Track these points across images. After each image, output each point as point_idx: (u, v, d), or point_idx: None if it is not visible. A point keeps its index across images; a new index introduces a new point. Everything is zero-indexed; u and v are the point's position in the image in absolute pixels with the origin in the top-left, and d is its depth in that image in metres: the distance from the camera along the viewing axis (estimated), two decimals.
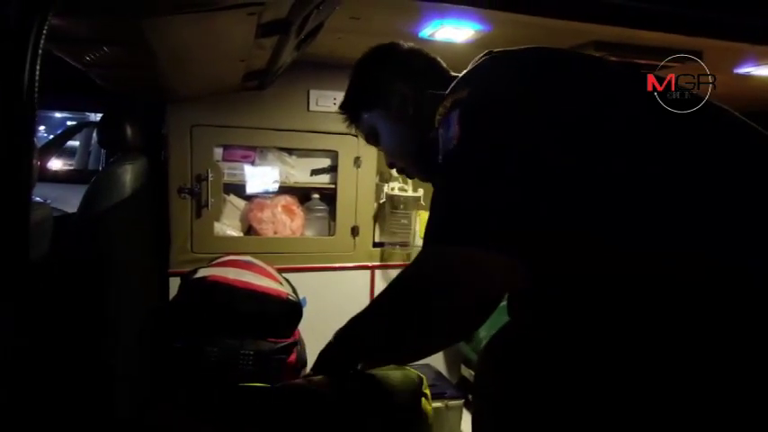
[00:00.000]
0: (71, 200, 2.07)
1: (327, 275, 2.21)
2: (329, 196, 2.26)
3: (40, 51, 0.57)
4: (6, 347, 0.57)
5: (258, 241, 2.13)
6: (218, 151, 2.10)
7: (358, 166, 2.19)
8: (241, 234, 2.17)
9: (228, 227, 2.16)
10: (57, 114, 8.60)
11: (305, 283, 1.99)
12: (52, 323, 1.39)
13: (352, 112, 1.18)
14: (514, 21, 1.30)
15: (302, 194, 2.27)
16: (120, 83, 1.61)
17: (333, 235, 2.24)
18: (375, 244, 2.32)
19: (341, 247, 2.23)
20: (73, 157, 5.13)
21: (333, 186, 2.23)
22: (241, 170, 2.16)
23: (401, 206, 2.28)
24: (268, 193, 2.22)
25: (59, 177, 4.03)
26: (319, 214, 2.27)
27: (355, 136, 2.17)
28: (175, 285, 1.80)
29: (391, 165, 1.18)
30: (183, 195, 1.99)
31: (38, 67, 0.57)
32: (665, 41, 1.47)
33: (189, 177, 1.99)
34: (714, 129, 0.79)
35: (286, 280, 1.84)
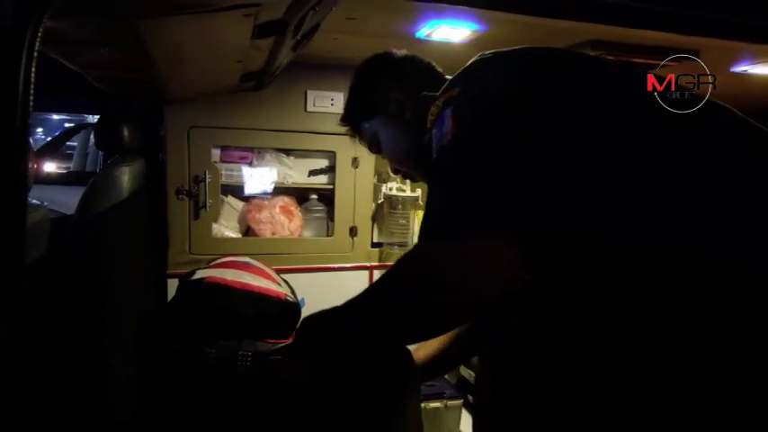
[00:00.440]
0: (69, 202, 2.06)
1: (326, 276, 2.21)
2: (327, 197, 2.26)
3: (36, 53, 0.57)
4: (2, 349, 0.57)
5: (256, 242, 2.13)
6: (215, 152, 2.10)
7: (356, 167, 2.19)
8: (239, 235, 2.17)
9: (227, 228, 2.16)
10: (54, 117, 8.59)
11: (303, 284, 2.00)
12: (50, 325, 1.38)
13: (353, 123, 1.21)
14: (511, 20, 1.30)
15: (300, 195, 2.27)
16: (116, 84, 1.61)
17: (331, 235, 2.24)
18: (373, 244, 2.32)
19: (339, 248, 2.23)
20: (69, 160, 5.13)
21: (331, 187, 2.23)
22: (239, 171, 2.16)
23: (399, 206, 2.28)
24: (266, 194, 2.23)
25: (57, 179, 4.03)
26: (317, 215, 2.27)
27: (353, 136, 2.19)
28: (174, 287, 1.80)
29: (396, 171, 1.21)
30: (181, 197, 1.99)
31: (33, 69, 0.56)
32: (662, 41, 1.47)
33: (187, 179, 1.99)
34: (714, 127, 0.78)
35: (284, 281, 1.84)
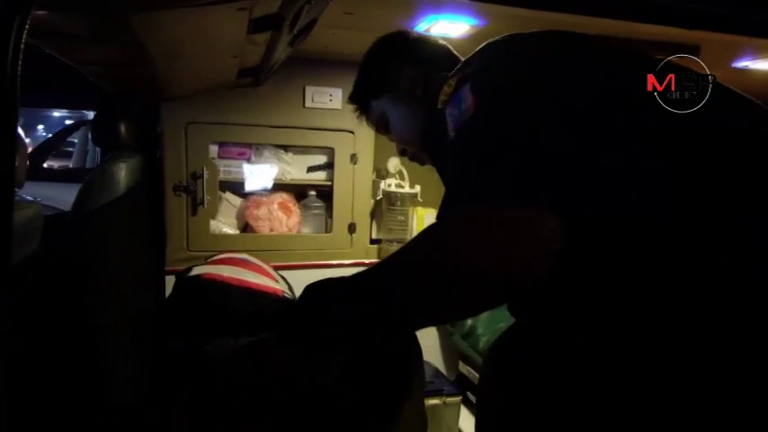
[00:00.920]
0: (69, 198, 2.06)
1: (324, 273, 2.19)
2: (326, 193, 2.26)
3: (23, 46, 0.56)
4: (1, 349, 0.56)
5: (254, 239, 2.12)
6: (213, 148, 2.09)
7: (354, 163, 2.18)
8: (237, 232, 2.17)
9: (225, 224, 2.15)
10: (55, 113, 8.59)
11: (301, 281, 1.95)
12: (46, 322, 1.38)
13: (361, 102, 1.17)
14: (510, 15, 1.29)
15: (298, 192, 2.27)
16: (113, 81, 1.60)
17: (329, 232, 2.23)
18: (372, 241, 2.32)
19: (338, 244, 2.22)
20: (67, 158, 5.13)
21: (329, 183, 2.22)
22: (237, 168, 2.15)
23: (398, 203, 2.27)
24: (265, 191, 2.22)
25: (57, 176, 4.03)
26: (316, 211, 2.26)
27: (351, 132, 2.18)
28: (171, 284, 1.79)
29: (403, 152, 1.16)
30: (179, 193, 1.98)
31: (20, 62, 0.56)
32: (663, 35, 1.46)
33: (184, 175, 1.98)
34: (729, 120, 0.76)
35: (282, 277, 1.83)
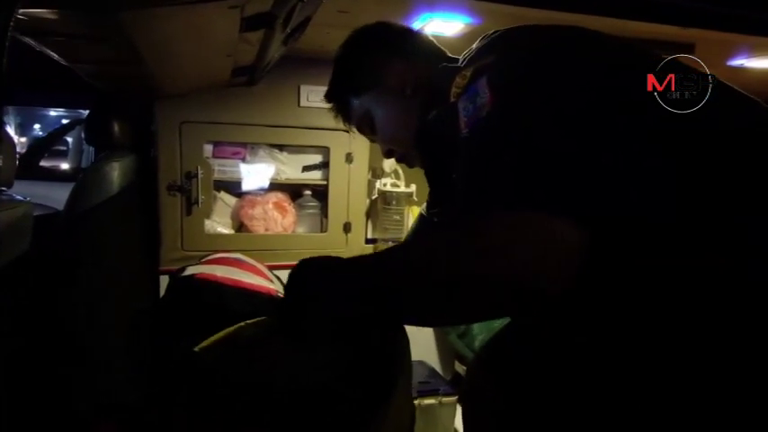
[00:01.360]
0: (65, 198, 2.05)
1: None
2: (321, 193, 2.25)
3: (7, 43, 0.55)
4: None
5: (249, 238, 2.11)
6: (207, 148, 2.08)
7: (350, 162, 2.17)
8: (232, 231, 2.16)
9: (219, 224, 2.14)
10: (52, 113, 8.55)
11: None
12: (39, 322, 1.37)
13: (340, 100, 1.09)
14: (505, 13, 1.29)
15: (294, 191, 2.26)
16: (107, 80, 1.59)
17: (325, 231, 2.22)
18: (368, 240, 2.31)
19: (333, 244, 2.21)
20: (62, 158, 5.11)
21: (324, 183, 2.21)
22: (231, 167, 2.14)
23: (393, 202, 2.26)
24: (261, 190, 2.21)
25: (52, 175, 4.02)
26: (311, 211, 2.25)
27: (347, 131, 2.17)
28: (166, 284, 1.78)
29: (389, 153, 1.08)
30: (173, 193, 1.97)
31: (5, 59, 0.55)
32: (657, 33, 1.46)
33: (179, 174, 1.97)
34: (729, 119, 0.74)
35: (276, 277, 1.83)
